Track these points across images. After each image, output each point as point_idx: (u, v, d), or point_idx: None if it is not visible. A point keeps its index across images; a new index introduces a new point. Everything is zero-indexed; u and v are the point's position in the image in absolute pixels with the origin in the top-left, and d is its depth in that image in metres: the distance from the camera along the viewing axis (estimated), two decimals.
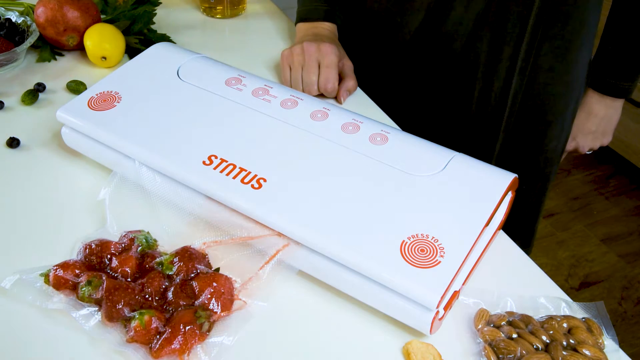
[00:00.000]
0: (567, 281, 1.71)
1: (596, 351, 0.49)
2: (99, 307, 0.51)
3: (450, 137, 0.82)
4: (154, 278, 0.52)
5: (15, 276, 0.53)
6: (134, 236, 0.56)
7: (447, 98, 0.85)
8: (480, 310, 0.52)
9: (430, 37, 0.80)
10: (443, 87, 0.84)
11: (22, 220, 0.61)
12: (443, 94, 0.85)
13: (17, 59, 0.83)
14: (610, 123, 0.93)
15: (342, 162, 0.58)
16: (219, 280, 0.52)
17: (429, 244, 0.50)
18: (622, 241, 1.84)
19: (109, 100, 0.65)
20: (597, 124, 0.92)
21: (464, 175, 0.56)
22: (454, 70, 0.81)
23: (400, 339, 0.52)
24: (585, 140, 0.95)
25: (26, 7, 0.91)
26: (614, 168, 2.09)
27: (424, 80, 0.85)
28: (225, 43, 0.95)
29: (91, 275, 0.52)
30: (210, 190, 0.57)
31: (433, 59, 0.82)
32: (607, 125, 0.93)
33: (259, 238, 0.55)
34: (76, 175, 0.67)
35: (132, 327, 0.48)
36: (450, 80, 0.83)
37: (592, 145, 0.96)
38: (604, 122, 0.92)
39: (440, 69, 0.82)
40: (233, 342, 0.50)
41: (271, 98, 0.65)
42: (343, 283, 0.53)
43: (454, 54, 0.80)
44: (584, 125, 0.93)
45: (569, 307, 0.54)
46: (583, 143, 0.95)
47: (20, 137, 0.70)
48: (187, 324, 0.48)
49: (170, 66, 0.70)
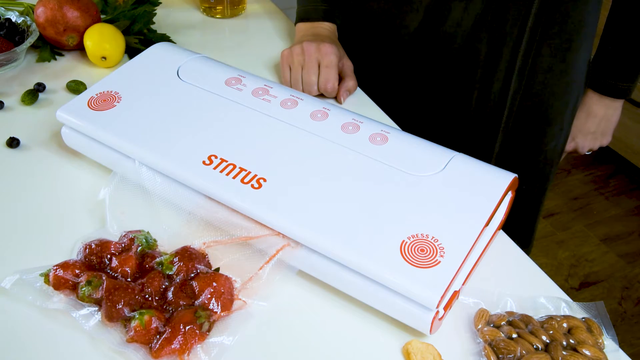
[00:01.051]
0: (567, 281, 1.71)
1: (596, 351, 0.49)
2: (99, 307, 0.51)
3: (450, 137, 0.82)
4: (154, 278, 0.52)
5: (15, 276, 0.53)
6: (134, 236, 0.56)
7: (447, 98, 0.85)
8: (480, 310, 0.52)
9: (430, 38, 0.80)
10: (443, 87, 0.84)
11: (22, 220, 0.61)
12: (443, 94, 0.85)
13: (17, 59, 0.83)
14: (610, 123, 0.93)
15: (342, 162, 0.58)
16: (219, 280, 0.52)
17: (429, 244, 0.50)
18: (622, 241, 1.84)
19: (109, 100, 0.65)
20: (596, 124, 0.92)
21: (463, 175, 0.56)
22: (454, 70, 0.81)
23: (400, 339, 0.52)
24: (584, 141, 0.95)
25: (26, 7, 0.91)
26: (614, 168, 2.09)
27: (423, 81, 0.85)
28: (225, 43, 0.95)
29: (91, 275, 0.52)
30: (210, 190, 0.57)
31: (432, 59, 0.82)
32: (606, 125, 0.93)
33: (259, 238, 0.55)
34: (76, 175, 0.67)
35: (132, 327, 0.48)
36: (449, 80, 0.83)
37: (592, 146, 0.96)
38: (603, 122, 0.92)
39: (439, 69, 0.82)
40: (233, 342, 0.50)
41: (271, 98, 0.65)
42: (343, 283, 0.53)
43: (453, 54, 0.80)
44: (584, 126, 0.93)
45: (569, 307, 0.54)
46: (582, 143, 0.95)
47: (20, 137, 0.70)
48: (187, 324, 0.48)
49: (170, 66, 0.70)
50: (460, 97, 0.83)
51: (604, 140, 0.95)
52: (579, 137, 0.94)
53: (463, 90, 0.83)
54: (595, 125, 0.92)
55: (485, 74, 0.80)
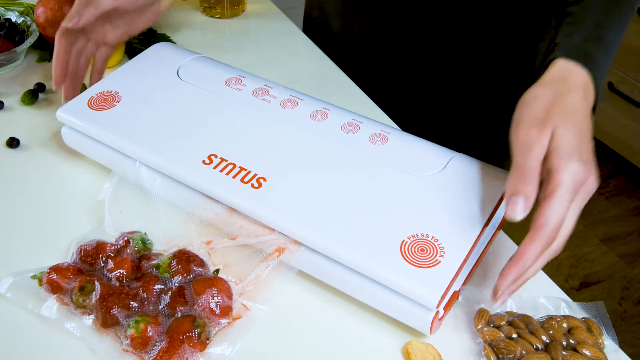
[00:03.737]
0: (567, 281, 1.71)
1: (596, 351, 0.49)
2: (93, 312, 0.50)
3: (450, 137, 0.82)
4: (150, 282, 0.51)
5: (10, 279, 0.53)
6: (129, 237, 0.55)
7: (447, 98, 0.85)
8: (480, 310, 0.52)
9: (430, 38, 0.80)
10: (442, 87, 0.84)
11: (22, 220, 0.61)
12: (442, 94, 0.85)
13: (17, 59, 0.83)
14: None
15: (342, 162, 0.58)
16: (218, 284, 0.51)
17: (429, 244, 0.50)
18: (622, 241, 1.84)
19: (109, 100, 0.65)
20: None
21: (463, 175, 0.56)
22: (453, 70, 0.81)
23: (400, 339, 0.52)
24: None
25: (26, 7, 0.91)
26: (614, 168, 2.09)
27: (423, 81, 0.85)
28: (225, 43, 0.95)
29: (84, 280, 0.50)
30: (210, 189, 0.57)
31: (432, 59, 0.82)
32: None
33: (258, 238, 0.55)
34: (76, 175, 0.67)
35: (128, 335, 0.47)
36: (449, 80, 0.83)
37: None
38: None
39: (439, 69, 0.82)
40: (234, 352, 0.49)
41: (271, 98, 0.65)
42: (343, 283, 0.53)
43: (453, 54, 0.80)
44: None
45: (568, 307, 0.54)
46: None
47: (20, 137, 0.70)
48: (185, 333, 0.47)
49: (170, 66, 0.70)
50: (460, 96, 0.83)
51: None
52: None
53: (463, 90, 0.83)
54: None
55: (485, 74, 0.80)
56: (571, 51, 0.54)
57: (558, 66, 0.53)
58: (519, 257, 0.47)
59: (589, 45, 0.54)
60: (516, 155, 0.49)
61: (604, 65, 0.55)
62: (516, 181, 0.47)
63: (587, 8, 0.57)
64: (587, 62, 0.53)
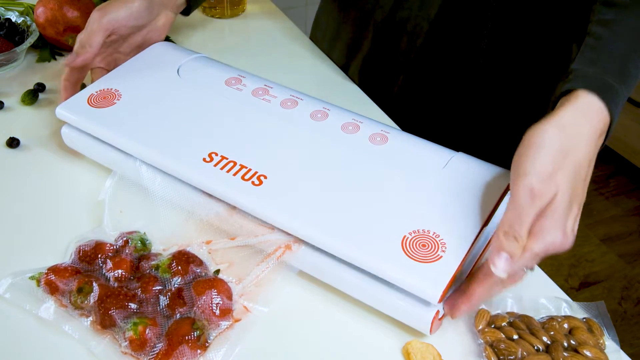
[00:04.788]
0: (567, 281, 1.71)
1: (597, 352, 0.49)
2: (91, 314, 0.50)
3: (451, 137, 0.82)
4: (149, 283, 0.51)
5: (8, 280, 0.53)
6: (128, 237, 0.55)
7: (447, 98, 0.84)
8: (481, 311, 0.52)
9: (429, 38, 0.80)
10: (442, 87, 0.84)
11: (22, 220, 0.61)
12: (442, 94, 0.85)
13: (17, 59, 0.83)
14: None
15: (343, 161, 0.58)
16: (218, 286, 0.50)
17: (430, 239, 0.50)
18: (622, 241, 1.84)
19: (109, 98, 0.65)
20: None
21: (464, 174, 0.56)
22: (453, 70, 0.81)
23: (400, 339, 0.52)
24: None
25: (26, 7, 0.91)
26: (614, 168, 2.09)
27: (423, 80, 0.85)
28: (225, 43, 0.95)
29: (82, 281, 0.50)
30: (211, 187, 0.57)
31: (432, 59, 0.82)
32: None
33: (258, 238, 0.55)
34: (75, 175, 0.67)
35: (127, 337, 0.47)
36: (449, 80, 0.83)
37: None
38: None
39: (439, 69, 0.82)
40: (233, 356, 0.49)
41: (271, 98, 0.65)
42: (343, 283, 0.53)
43: (452, 54, 0.80)
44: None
45: (569, 308, 0.54)
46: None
47: (20, 137, 0.70)
48: (185, 336, 0.47)
49: (170, 65, 0.70)
50: (460, 96, 0.83)
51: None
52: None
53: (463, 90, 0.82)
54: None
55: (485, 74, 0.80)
56: (593, 83, 0.50)
57: (579, 101, 0.50)
58: (470, 295, 0.49)
59: (613, 78, 0.51)
60: (511, 207, 0.47)
61: (624, 100, 0.52)
62: (505, 237, 0.47)
63: (614, 35, 0.53)
64: (610, 98, 0.50)
